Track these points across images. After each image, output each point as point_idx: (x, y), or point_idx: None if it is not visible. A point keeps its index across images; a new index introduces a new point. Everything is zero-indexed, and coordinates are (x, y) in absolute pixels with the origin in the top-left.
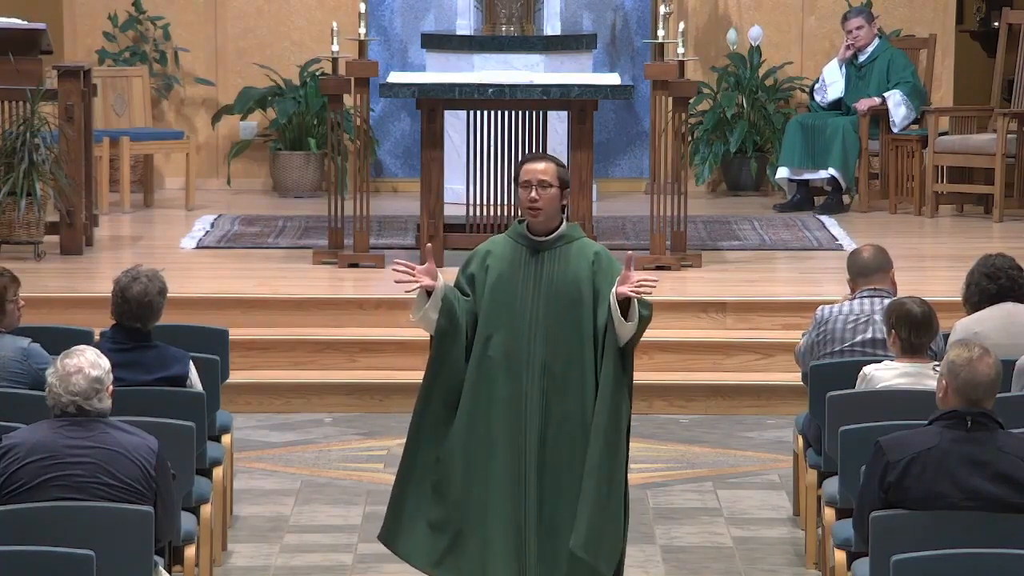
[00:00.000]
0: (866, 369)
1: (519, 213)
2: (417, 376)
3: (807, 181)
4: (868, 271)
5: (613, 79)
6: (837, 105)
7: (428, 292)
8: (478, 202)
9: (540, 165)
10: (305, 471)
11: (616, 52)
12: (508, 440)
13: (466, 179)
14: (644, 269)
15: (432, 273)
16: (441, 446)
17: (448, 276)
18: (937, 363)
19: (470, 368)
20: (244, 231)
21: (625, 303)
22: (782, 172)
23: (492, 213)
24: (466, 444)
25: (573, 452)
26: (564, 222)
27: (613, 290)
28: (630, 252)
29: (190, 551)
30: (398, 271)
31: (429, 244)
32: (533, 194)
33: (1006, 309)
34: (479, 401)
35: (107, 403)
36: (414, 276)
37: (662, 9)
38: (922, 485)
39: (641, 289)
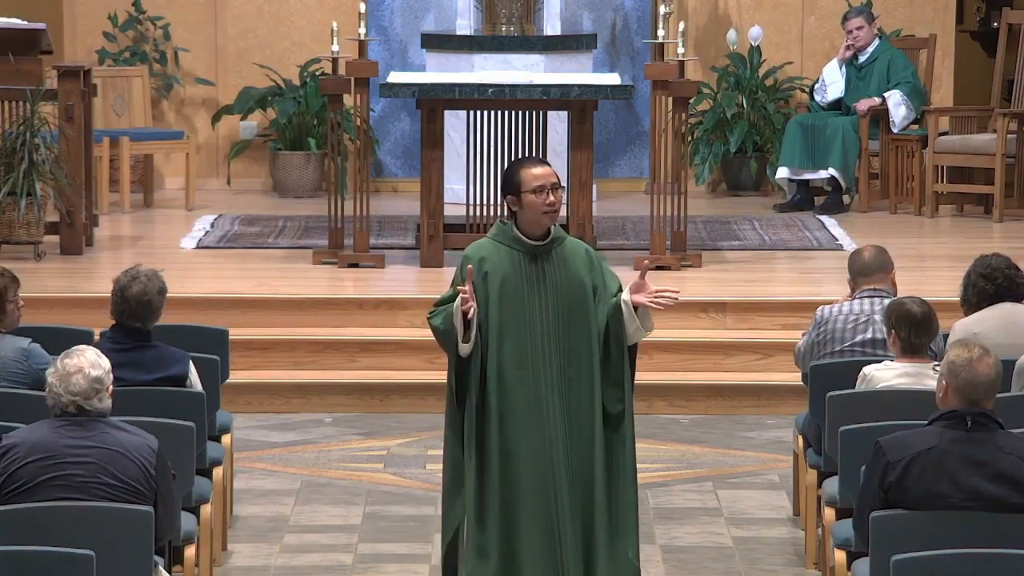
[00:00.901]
0: (866, 369)
1: (505, 216)
2: (417, 376)
3: (807, 181)
4: (868, 271)
5: (613, 79)
6: (837, 105)
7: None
8: (478, 202)
9: (547, 168)
10: (305, 471)
11: (616, 52)
12: (536, 451)
13: (466, 179)
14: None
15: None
16: (473, 467)
17: (447, 275)
18: (937, 363)
19: (487, 381)
20: (244, 231)
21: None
22: (782, 172)
23: (492, 213)
24: (490, 460)
25: (592, 452)
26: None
27: (627, 296)
28: (646, 261)
29: (190, 551)
30: (469, 296)
31: (471, 265)
32: (552, 198)
33: (1005, 309)
34: (501, 414)
35: (107, 403)
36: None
37: (662, 9)
38: (922, 485)
39: (661, 300)
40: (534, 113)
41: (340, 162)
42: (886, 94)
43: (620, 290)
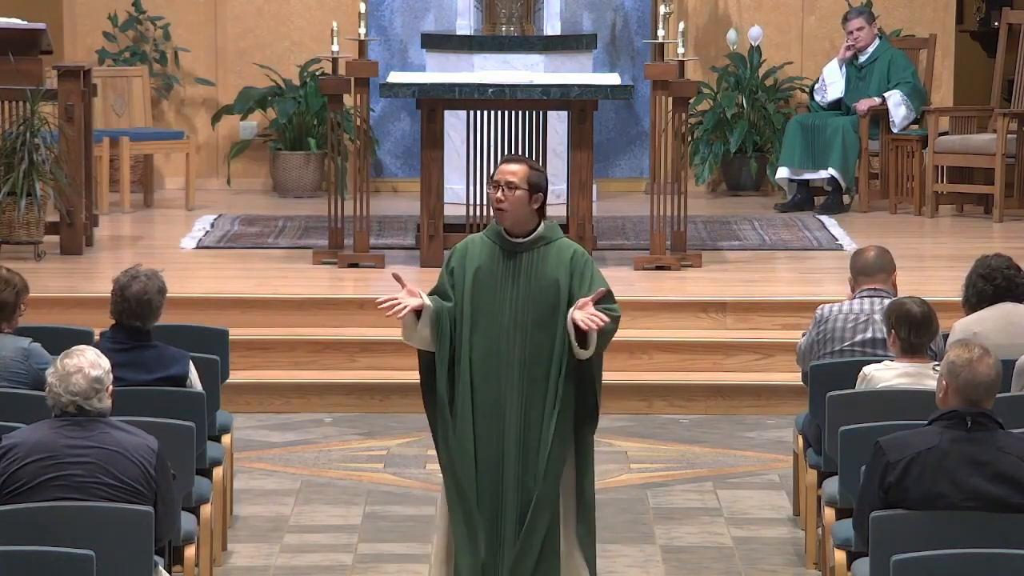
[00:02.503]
0: (866, 369)
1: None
2: (417, 376)
3: (807, 181)
4: (870, 270)
5: (613, 79)
6: (837, 105)
7: (416, 313)
8: (478, 202)
9: (512, 167)
10: (305, 471)
11: (616, 52)
12: (489, 452)
13: (466, 179)
14: (644, 269)
15: (415, 294)
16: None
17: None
18: (937, 363)
19: (460, 372)
20: (244, 231)
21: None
22: (782, 172)
23: (492, 213)
24: (451, 451)
25: (540, 456)
26: (542, 223)
27: (570, 313)
28: (602, 289)
29: (190, 551)
30: (386, 306)
31: (396, 272)
32: (499, 194)
33: (1005, 309)
34: (463, 406)
35: (107, 403)
36: (400, 303)
37: (662, 9)
38: (922, 485)
39: (589, 322)
40: (534, 113)
41: (340, 162)
42: (886, 94)
43: (603, 300)
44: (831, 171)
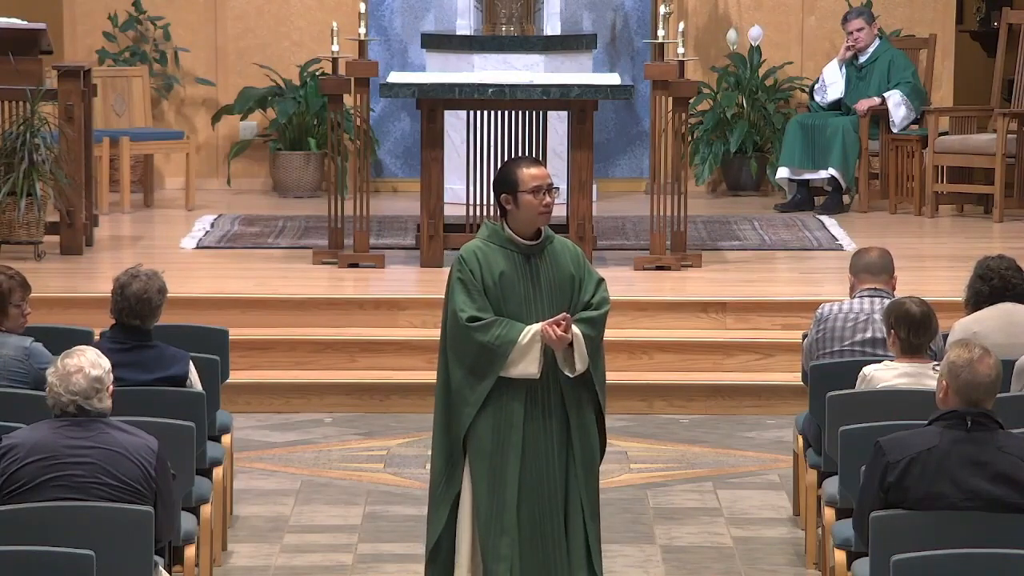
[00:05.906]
0: (866, 369)
1: (494, 216)
2: (417, 376)
3: (807, 181)
4: (871, 270)
5: (613, 79)
6: (837, 105)
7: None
8: (478, 202)
9: (544, 169)
10: (305, 471)
11: (616, 52)
12: (534, 455)
13: (466, 179)
14: (644, 269)
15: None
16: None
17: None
18: (937, 363)
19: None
20: (244, 231)
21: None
22: (782, 172)
23: (492, 213)
24: (491, 456)
25: (584, 445)
26: None
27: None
28: (565, 313)
29: (190, 551)
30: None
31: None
32: (548, 199)
33: (1005, 309)
34: (504, 411)
35: (107, 403)
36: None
37: (662, 9)
38: (922, 485)
39: (550, 332)
40: (534, 113)
41: (340, 162)
42: (886, 94)
43: (595, 292)
44: (831, 171)
